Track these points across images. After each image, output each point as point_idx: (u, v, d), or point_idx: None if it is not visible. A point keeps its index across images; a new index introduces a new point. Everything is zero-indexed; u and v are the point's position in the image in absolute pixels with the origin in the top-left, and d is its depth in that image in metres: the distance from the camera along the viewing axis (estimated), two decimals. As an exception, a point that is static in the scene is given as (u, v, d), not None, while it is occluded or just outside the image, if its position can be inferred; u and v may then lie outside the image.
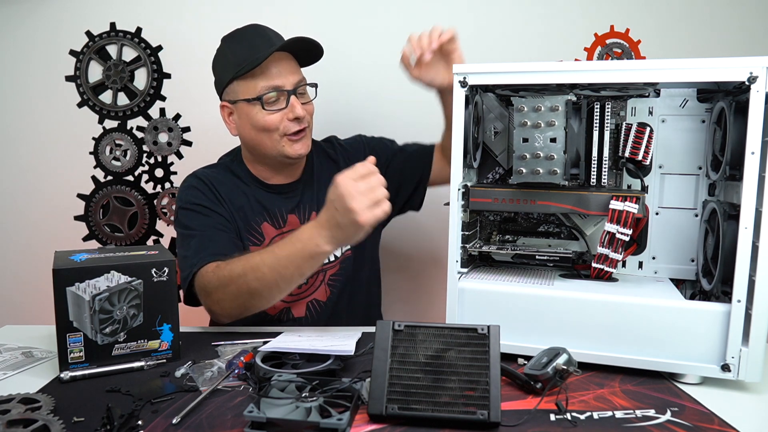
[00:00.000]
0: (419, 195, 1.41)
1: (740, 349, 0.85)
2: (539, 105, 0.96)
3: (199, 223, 1.21)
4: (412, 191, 1.39)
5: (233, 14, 1.68)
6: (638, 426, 0.76)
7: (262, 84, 1.20)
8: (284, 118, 1.21)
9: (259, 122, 1.22)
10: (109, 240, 1.77)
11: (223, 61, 1.27)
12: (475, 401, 0.75)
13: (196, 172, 1.31)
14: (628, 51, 1.65)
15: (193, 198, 1.24)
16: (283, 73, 1.21)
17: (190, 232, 1.20)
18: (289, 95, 1.21)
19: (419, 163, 1.38)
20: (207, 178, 1.28)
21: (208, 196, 1.25)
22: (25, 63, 1.71)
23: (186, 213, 1.23)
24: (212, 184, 1.27)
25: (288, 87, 1.21)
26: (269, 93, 1.20)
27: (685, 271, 1.04)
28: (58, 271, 0.91)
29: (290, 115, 1.21)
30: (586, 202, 0.97)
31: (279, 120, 1.21)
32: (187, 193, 1.26)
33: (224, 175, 1.30)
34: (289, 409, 0.74)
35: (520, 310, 0.95)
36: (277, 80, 1.21)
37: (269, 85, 1.20)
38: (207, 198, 1.25)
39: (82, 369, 0.92)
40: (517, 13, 1.65)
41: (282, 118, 1.21)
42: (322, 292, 1.30)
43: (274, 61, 1.21)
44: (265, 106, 1.21)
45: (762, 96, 0.82)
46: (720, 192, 0.99)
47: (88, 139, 1.73)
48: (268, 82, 1.20)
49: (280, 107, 1.22)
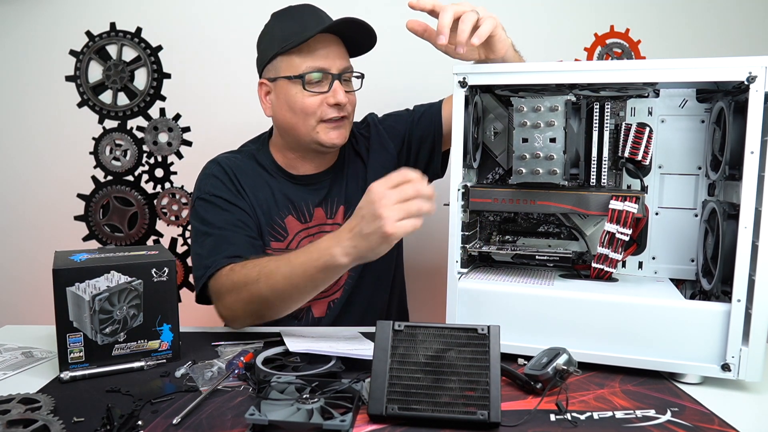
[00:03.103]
0: (437, 159, 1.34)
1: (740, 349, 0.85)
2: (539, 105, 0.96)
3: (218, 218, 1.16)
4: (429, 157, 1.33)
5: (233, 14, 1.68)
6: (638, 426, 0.76)
7: (307, 63, 1.15)
8: (324, 103, 1.16)
9: (297, 103, 1.16)
10: (109, 240, 1.77)
11: (269, 36, 1.21)
12: (475, 401, 0.75)
13: (219, 159, 1.25)
14: (628, 51, 1.65)
15: (213, 189, 1.19)
16: (330, 56, 1.16)
17: (207, 229, 1.15)
18: (333, 79, 1.16)
19: (429, 125, 1.32)
20: (229, 166, 1.22)
21: (228, 188, 1.19)
22: (25, 63, 1.71)
23: (204, 205, 1.18)
24: (234, 174, 1.21)
25: (333, 70, 1.16)
26: (313, 73, 1.15)
27: (685, 271, 1.04)
28: (58, 271, 0.91)
29: (331, 99, 1.15)
30: (585, 202, 0.97)
31: (318, 104, 1.16)
32: (207, 182, 1.20)
33: (248, 163, 1.24)
34: (290, 411, 0.74)
35: (520, 310, 0.95)
36: (322, 62, 1.15)
37: (314, 66, 1.15)
38: (228, 189, 1.19)
39: (82, 369, 0.92)
40: (517, 13, 1.65)
41: (322, 102, 1.16)
42: (339, 291, 1.28)
43: (323, 42, 1.16)
44: (306, 87, 1.15)
45: (761, 95, 0.82)
46: (719, 192, 0.99)
47: (88, 139, 1.73)
48: (314, 62, 1.15)
49: (321, 90, 1.16)
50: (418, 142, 1.32)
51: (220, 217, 1.16)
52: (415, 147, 1.32)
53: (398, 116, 1.36)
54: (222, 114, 1.72)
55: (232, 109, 1.72)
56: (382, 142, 1.32)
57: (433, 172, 1.35)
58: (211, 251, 1.12)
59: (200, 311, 1.20)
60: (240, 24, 1.67)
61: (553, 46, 1.65)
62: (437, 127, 1.31)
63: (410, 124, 1.33)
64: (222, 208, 1.17)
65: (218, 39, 1.70)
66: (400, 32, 1.09)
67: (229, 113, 1.72)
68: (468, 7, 0.98)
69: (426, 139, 1.32)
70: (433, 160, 1.34)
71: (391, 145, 1.32)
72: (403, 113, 1.37)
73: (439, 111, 1.32)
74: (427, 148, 1.33)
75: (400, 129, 1.33)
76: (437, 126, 1.31)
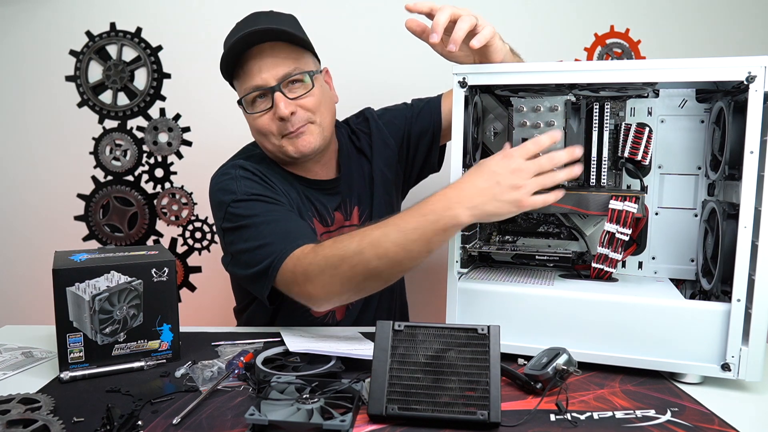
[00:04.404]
0: (434, 153, 1.32)
1: (740, 349, 0.85)
2: (539, 105, 0.96)
3: (268, 209, 1.08)
4: (427, 151, 1.32)
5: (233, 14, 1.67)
6: (638, 426, 0.76)
7: (245, 85, 1.12)
8: (274, 118, 1.11)
9: (253, 126, 1.15)
10: (109, 240, 1.77)
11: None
12: (475, 401, 0.75)
13: (237, 163, 1.16)
14: (628, 51, 1.65)
15: (250, 188, 1.11)
16: (264, 68, 1.09)
17: (260, 220, 1.06)
18: (273, 92, 1.09)
19: (429, 120, 1.30)
20: (253, 168, 1.15)
21: (265, 186, 1.13)
22: (26, 63, 1.71)
23: (245, 204, 1.09)
24: (263, 174, 1.15)
25: (271, 82, 1.10)
26: (249, 94, 1.12)
27: (684, 271, 1.04)
28: (58, 271, 0.91)
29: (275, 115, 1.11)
30: (585, 202, 0.97)
31: (268, 121, 1.12)
32: (240, 184, 1.12)
33: (268, 166, 1.19)
34: (290, 412, 0.74)
35: (520, 310, 0.95)
36: (256, 78, 1.10)
37: (250, 86, 1.11)
38: (264, 187, 1.13)
39: (82, 369, 0.92)
40: (517, 13, 1.65)
41: (272, 119, 1.12)
42: None
43: (255, 57, 1.10)
44: (248, 109, 1.13)
45: (760, 95, 0.82)
46: (719, 191, 0.99)
47: (88, 139, 1.73)
48: (250, 81, 1.11)
49: (267, 107, 1.11)
50: (417, 137, 1.32)
51: (270, 208, 1.09)
52: (414, 142, 1.32)
53: (397, 111, 1.35)
54: (222, 114, 1.71)
55: (232, 109, 1.71)
56: (383, 137, 1.31)
57: (429, 166, 1.35)
58: (281, 236, 1.03)
59: (200, 311, 1.19)
60: (240, 24, 1.67)
61: (553, 46, 1.65)
62: (437, 122, 1.30)
63: (410, 119, 1.32)
64: (268, 203, 1.10)
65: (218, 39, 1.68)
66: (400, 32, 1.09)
67: (229, 113, 1.71)
68: (466, 12, 0.97)
69: (425, 134, 1.31)
70: (431, 154, 1.34)
71: (392, 140, 1.31)
72: (402, 107, 1.36)
73: (439, 106, 1.31)
74: (426, 142, 1.32)
75: (399, 124, 1.32)
76: (437, 121, 1.30)
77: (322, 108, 1.16)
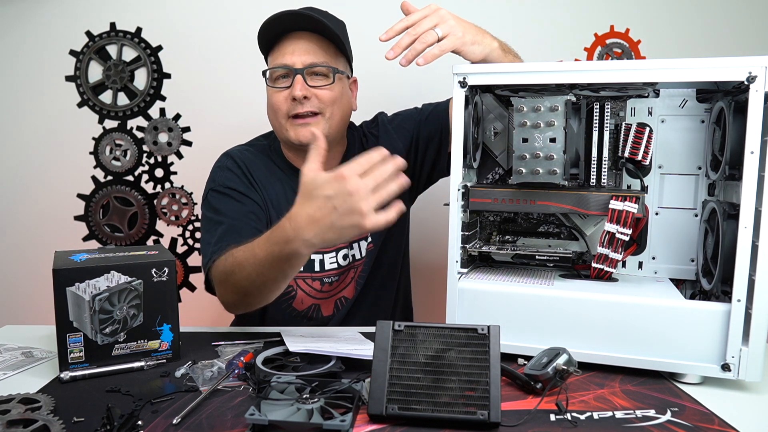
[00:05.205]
0: (444, 158, 1.31)
1: (740, 349, 0.85)
2: (539, 105, 0.96)
3: (230, 208, 1.17)
4: (435, 155, 1.32)
5: (233, 14, 1.68)
6: (638, 426, 0.76)
7: (275, 61, 1.19)
8: (289, 98, 1.17)
9: (269, 100, 1.21)
10: (109, 240, 1.77)
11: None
12: (475, 401, 0.75)
13: (231, 152, 1.27)
14: (628, 51, 1.65)
15: (227, 181, 1.21)
16: (296, 52, 1.17)
17: (219, 218, 1.16)
18: (295, 74, 1.16)
19: (436, 124, 1.31)
20: (242, 160, 1.24)
21: (242, 180, 1.21)
22: (26, 63, 1.72)
23: (217, 196, 1.20)
24: (247, 167, 1.23)
25: (298, 65, 1.16)
26: (276, 69, 1.18)
27: (685, 271, 1.04)
28: (58, 271, 0.91)
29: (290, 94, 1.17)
30: (585, 202, 0.97)
31: (284, 99, 1.18)
32: (221, 174, 1.22)
33: (260, 158, 1.26)
34: (290, 411, 0.74)
35: (520, 310, 0.95)
36: (287, 58, 1.17)
37: (278, 63, 1.18)
38: (241, 182, 1.21)
39: (82, 369, 0.92)
40: (517, 13, 1.65)
41: (287, 98, 1.17)
42: (351, 290, 1.28)
43: (291, 40, 1.18)
44: (270, 83, 1.19)
45: (761, 95, 0.82)
46: (719, 192, 0.99)
47: (88, 139, 1.73)
48: (280, 59, 1.18)
49: (286, 85, 1.18)
50: (426, 141, 1.32)
51: (232, 208, 1.18)
52: (423, 146, 1.33)
53: (407, 115, 1.37)
54: (222, 114, 1.72)
55: (232, 109, 1.72)
56: (390, 141, 1.31)
57: (439, 170, 1.35)
58: (218, 239, 1.12)
59: (200, 311, 1.20)
60: (240, 24, 1.67)
61: (553, 46, 1.65)
62: (444, 126, 1.30)
63: (418, 123, 1.33)
64: (235, 200, 1.19)
65: (218, 39, 1.70)
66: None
67: (229, 113, 1.72)
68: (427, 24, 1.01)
69: (433, 138, 1.32)
70: (440, 158, 1.33)
71: (399, 144, 1.32)
72: (412, 111, 1.37)
73: (446, 110, 1.31)
74: (435, 147, 1.32)
75: (409, 128, 1.33)
76: (444, 125, 1.30)
77: (336, 106, 1.20)
